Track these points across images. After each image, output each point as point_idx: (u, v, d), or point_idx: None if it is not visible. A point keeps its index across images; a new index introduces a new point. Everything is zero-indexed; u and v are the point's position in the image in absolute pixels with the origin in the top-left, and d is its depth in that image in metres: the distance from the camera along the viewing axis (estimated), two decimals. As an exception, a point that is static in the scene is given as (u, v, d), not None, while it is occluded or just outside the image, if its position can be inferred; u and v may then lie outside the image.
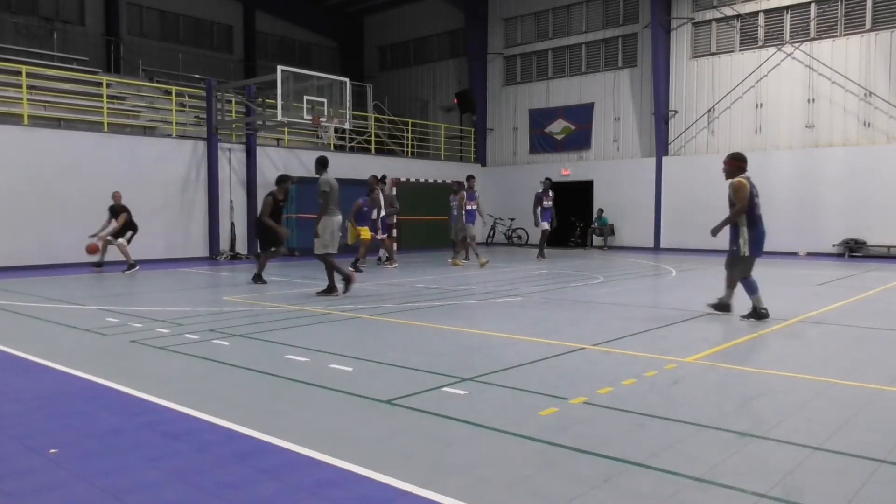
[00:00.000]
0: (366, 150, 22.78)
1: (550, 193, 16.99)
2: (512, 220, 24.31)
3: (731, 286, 7.71)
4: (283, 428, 3.82)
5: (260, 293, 10.28)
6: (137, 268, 13.50)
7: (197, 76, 22.95)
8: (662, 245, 21.15)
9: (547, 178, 17.52)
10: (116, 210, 13.56)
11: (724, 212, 9.31)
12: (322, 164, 10.05)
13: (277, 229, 11.41)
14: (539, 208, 16.81)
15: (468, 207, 15.25)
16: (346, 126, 17.52)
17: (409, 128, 24.42)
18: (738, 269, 7.49)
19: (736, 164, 7.47)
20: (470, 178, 16.13)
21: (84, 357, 5.92)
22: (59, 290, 10.55)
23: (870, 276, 12.90)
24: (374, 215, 14.41)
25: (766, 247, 10.96)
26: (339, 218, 9.97)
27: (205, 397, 4.55)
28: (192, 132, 18.30)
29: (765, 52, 19.55)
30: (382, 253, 15.70)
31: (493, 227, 24.03)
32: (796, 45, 18.99)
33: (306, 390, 4.70)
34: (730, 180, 7.47)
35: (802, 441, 3.59)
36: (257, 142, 18.43)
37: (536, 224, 17.02)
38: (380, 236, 14.55)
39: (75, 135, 15.38)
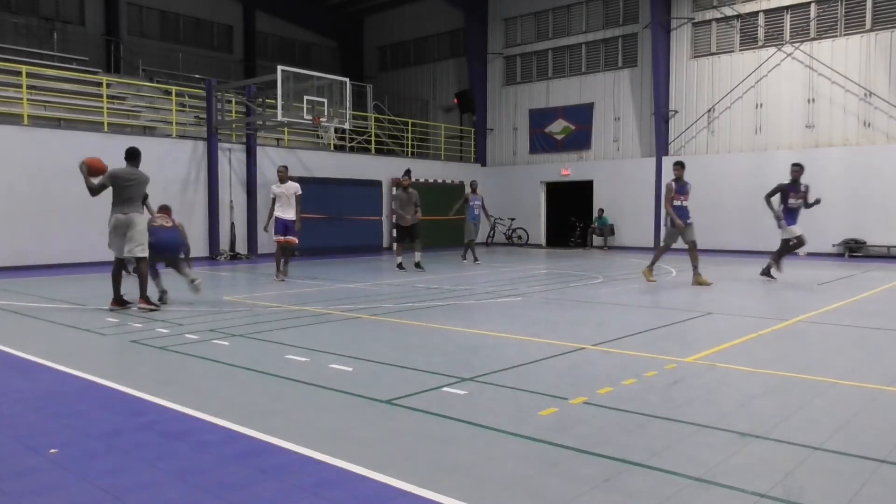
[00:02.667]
0: (366, 150, 22.79)
1: (803, 186, 11.62)
2: (512, 219, 24.31)
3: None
4: (283, 428, 3.82)
5: (260, 293, 10.28)
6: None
7: (197, 76, 22.95)
8: (662, 245, 21.13)
9: (797, 164, 11.79)
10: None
11: (724, 211, 9.27)
12: (129, 155, 8.61)
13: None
14: (782, 206, 11.67)
15: (676, 203, 11.58)
16: (346, 126, 17.51)
17: (409, 128, 24.42)
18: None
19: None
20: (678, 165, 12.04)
21: (84, 357, 5.92)
22: (59, 290, 10.55)
23: (870, 276, 12.89)
24: (278, 211, 11.92)
25: (766, 247, 10.91)
26: (123, 217, 8.22)
27: (205, 397, 4.55)
28: (192, 132, 18.30)
29: (765, 52, 19.56)
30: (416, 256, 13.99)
31: (493, 227, 24.04)
32: (796, 45, 18.99)
33: (306, 390, 4.70)
34: None
35: (802, 441, 3.58)
36: (257, 142, 18.43)
37: (780, 226, 11.71)
38: (287, 238, 11.95)
39: (75, 135, 15.37)
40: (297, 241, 12.09)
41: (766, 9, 19.58)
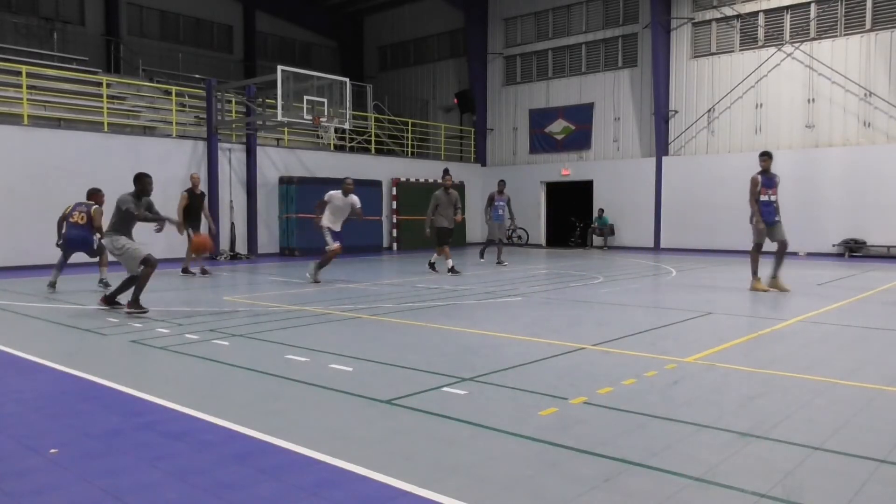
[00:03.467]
0: (366, 150, 22.79)
1: None
2: (512, 220, 24.29)
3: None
4: (283, 428, 3.82)
5: (261, 293, 10.28)
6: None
7: (197, 76, 22.95)
8: (662, 245, 21.15)
9: None
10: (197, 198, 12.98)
11: (724, 211, 9.22)
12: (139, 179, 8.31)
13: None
14: None
15: (763, 198, 10.73)
16: (346, 126, 17.52)
17: (409, 128, 24.42)
18: None
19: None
20: None
21: (84, 357, 5.92)
22: (60, 290, 10.53)
23: (870, 276, 12.90)
24: (331, 221, 11.53)
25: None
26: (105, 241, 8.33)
27: (205, 397, 4.55)
28: (192, 132, 18.30)
29: (765, 52, 19.56)
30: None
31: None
32: (796, 45, 18.99)
33: (306, 390, 4.69)
34: None
35: (802, 441, 3.58)
36: (257, 142, 18.44)
37: None
38: (331, 246, 11.54)
39: (75, 135, 15.38)
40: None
41: (766, 9, 19.58)
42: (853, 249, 17.81)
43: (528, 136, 24.74)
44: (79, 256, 10.91)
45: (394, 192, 21.54)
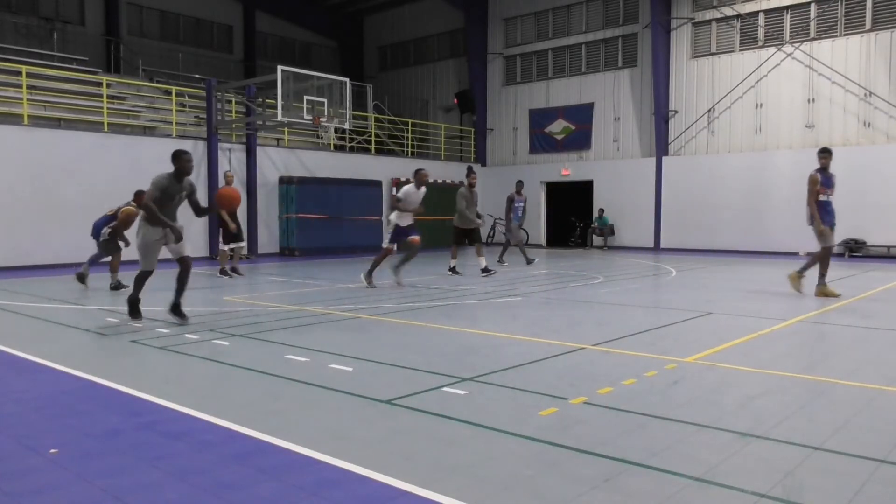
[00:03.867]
0: (366, 150, 22.80)
1: None
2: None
3: None
4: (283, 428, 3.82)
5: (261, 293, 10.27)
6: None
7: (197, 76, 22.96)
8: (662, 245, 21.15)
9: None
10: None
11: (724, 211, 9.22)
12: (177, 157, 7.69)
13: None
14: None
15: (822, 198, 9.64)
16: (346, 126, 17.52)
17: (409, 128, 24.42)
18: None
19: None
20: None
21: (84, 357, 5.92)
22: (59, 290, 10.55)
23: (870, 276, 12.90)
24: (396, 218, 10.94)
25: (767, 247, 10.88)
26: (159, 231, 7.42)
27: (205, 397, 4.54)
28: (192, 132, 18.31)
29: (765, 52, 19.56)
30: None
31: (493, 227, 24.05)
32: (796, 45, 18.99)
33: (306, 390, 4.69)
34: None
35: (802, 441, 3.58)
36: (257, 142, 18.44)
37: None
38: (385, 245, 11.03)
39: (75, 135, 15.38)
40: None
41: (766, 9, 19.58)
42: (853, 249, 17.80)
43: (528, 136, 24.74)
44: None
45: (394, 192, 21.51)
